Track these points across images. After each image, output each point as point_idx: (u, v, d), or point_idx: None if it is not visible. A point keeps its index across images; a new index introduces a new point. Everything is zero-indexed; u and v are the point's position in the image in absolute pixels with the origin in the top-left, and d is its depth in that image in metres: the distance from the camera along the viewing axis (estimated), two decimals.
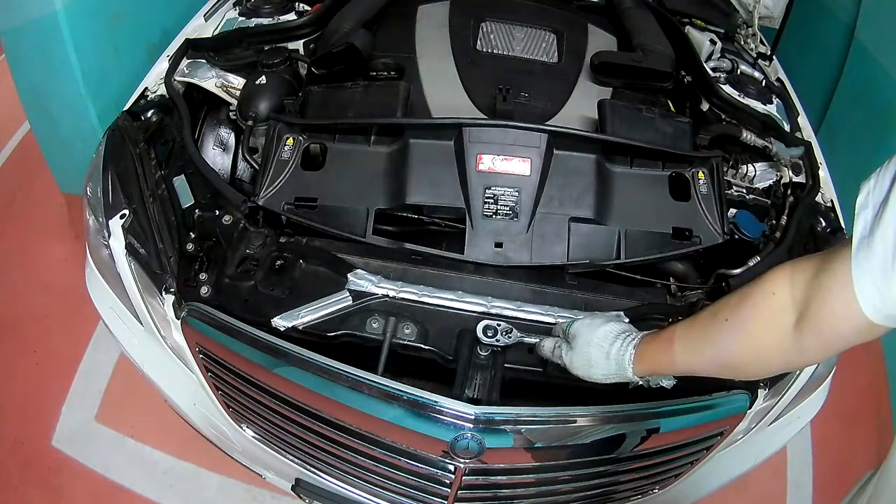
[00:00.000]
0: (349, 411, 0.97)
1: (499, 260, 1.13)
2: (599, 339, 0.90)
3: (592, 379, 0.91)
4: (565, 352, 0.94)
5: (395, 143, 1.20)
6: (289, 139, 1.21)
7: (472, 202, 1.15)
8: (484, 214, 1.15)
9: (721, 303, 0.79)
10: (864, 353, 2.06)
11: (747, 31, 1.71)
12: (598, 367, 0.90)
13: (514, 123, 1.17)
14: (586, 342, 0.91)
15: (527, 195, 1.16)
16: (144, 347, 1.20)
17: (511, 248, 1.14)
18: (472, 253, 1.14)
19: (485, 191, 1.15)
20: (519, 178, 1.16)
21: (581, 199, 1.17)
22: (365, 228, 1.14)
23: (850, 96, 2.22)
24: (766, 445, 1.26)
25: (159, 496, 1.67)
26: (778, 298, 0.70)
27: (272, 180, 1.17)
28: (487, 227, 1.15)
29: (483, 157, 1.16)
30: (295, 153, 1.20)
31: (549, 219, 1.16)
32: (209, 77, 1.34)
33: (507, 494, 1.08)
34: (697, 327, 0.81)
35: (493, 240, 1.14)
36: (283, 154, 1.20)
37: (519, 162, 1.16)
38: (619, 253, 1.16)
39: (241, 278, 1.08)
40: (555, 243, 1.15)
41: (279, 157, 1.20)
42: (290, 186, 1.18)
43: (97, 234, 1.13)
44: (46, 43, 1.67)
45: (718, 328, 0.77)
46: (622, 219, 1.18)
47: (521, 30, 1.41)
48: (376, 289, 1.04)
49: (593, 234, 1.17)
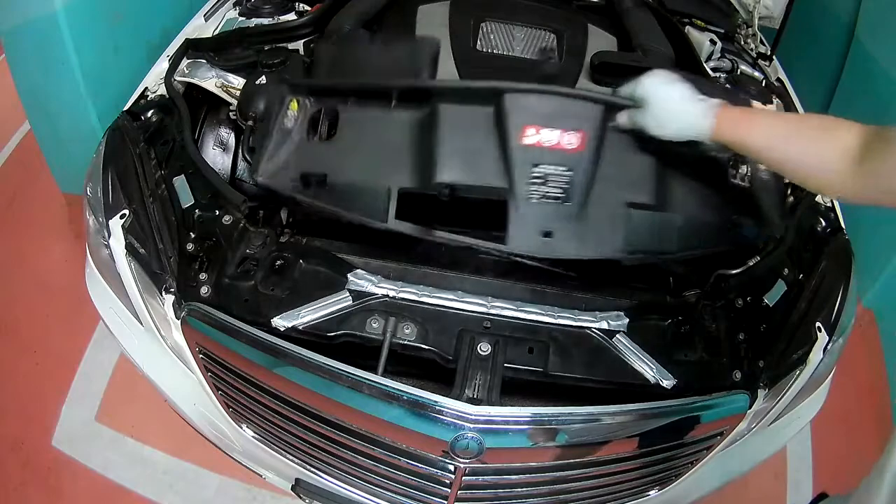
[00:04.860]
0: (349, 411, 0.97)
1: (547, 251, 0.99)
2: (672, 100, 0.95)
3: (666, 137, 0.96)
4: (639, 116, 0.98)
5: (421, 108, 1.03)
6: (292, 103, 1.05)
7: (515, 181, 0.99)
8: (530, 197, 0.99)
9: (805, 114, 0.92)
10: (864, 353, 2.06)
11: (747, 31, 1.71)
12: (674, 127, 0.95)
13: (567, 90, 1.02)
14: (658, 104, 0.96)
15: (581, 174, 1.00)
16: (144, 347, 1.19)
17: (561, 237, 0.99)
18: (516, 242, 0.99)
19: (532, 168, 0.99)
20: (571, 155, 1.00)
21: (639, 181, 1.03)
22: (386, 212, 0.98)
23: (850, 96, 2.21)
24: (766, 445, 1.25)
25: (159, 496, 1.67)
26: (851, 132, 0.80)
27: (273, 153, 1.02)
28: (534, 212, 0.99)
29: (529, 129, 0.98)
30: (300, 120, 1.05)
31: (604, 203, 1.01)
32: (209, 77, 1.34)
33: (507, 494, 1.08)
34: (782, 116, 0.94)
35: (540, 227, 0.99)
36: (287, 122, 1.04)
37: (571, 135, 0.99)
38: (679, 243, 1.04)
39: (241, 278, 1.08)
40: (610, 232, 1.01)
41: (281, 126, 1.03)
42: (296, 160, 1.02)
43: (97, 234, 1.13)
44: (46, 43, 1.67)
45: (802, 125, 0.89)
46: (681, 205, 1.06)
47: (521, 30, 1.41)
48: (376, 289, 1.04)
49: (651, 223, 1.04)
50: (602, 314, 1.07)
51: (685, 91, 0.95)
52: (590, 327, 1.05)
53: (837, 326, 1.08)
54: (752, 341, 1.11)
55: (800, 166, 0.87)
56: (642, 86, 0.98)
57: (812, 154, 0.84)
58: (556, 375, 1.02)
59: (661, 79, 0.97)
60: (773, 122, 0.90)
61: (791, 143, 0.87)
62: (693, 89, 0.95)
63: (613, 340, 1.05)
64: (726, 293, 1.16)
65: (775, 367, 1.06)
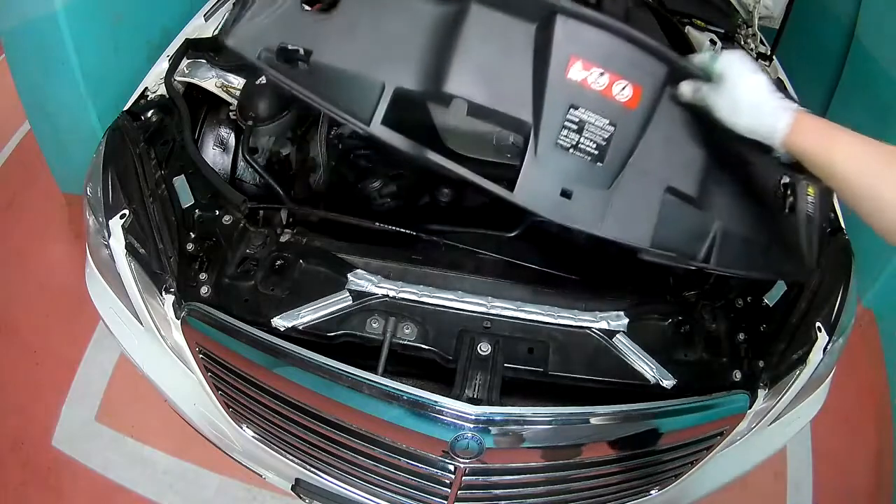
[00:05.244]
0: (349, 411, 0.97)
1: (560, 214, 0.85)
2: (753, 88, 0.81)
3: (735, 128, 0.82)
4: (708, 92, 0.84)
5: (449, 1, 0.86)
6: None
7: (544, 119, 0.83)
8: (558, 142, 0.84)
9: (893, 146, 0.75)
10: (864, 353, 2.06)
11: (747, 31, 1.71)
12: (746, 116, 0.81)
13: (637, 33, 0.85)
14: (736, 87, 0.81)
15: (624, 135, 0.85)
16: (144, 347, 1.20)
17: (581, 202, 0.84)
18: (527, 192, 0.83)
19: (569, 110, 0.83)
20: (619, 108, 0.85)
21: (686, 166, 0.89)
22: (373, 112, 0.82)
23: (850, 96, 2.21)
24: (766, 445, 1.25)
25: (159, 496, 1.67)
26: None
27: (255, 14, 0.86)
28: (558, 163, 0.84)
29: (578, 62, 0.83)
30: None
31: (641, 179, 0.87)
32: (209, 77, 1.34)
33: (507, 494, 1.08)
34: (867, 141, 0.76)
35: (560, 182, 0.84)
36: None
37: (626, 85, 0.84)
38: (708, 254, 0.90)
39: (241, 278, 1.08)
40: (640, 215, 0.87)
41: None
42: (280, 27, 0.86)
43: (97, 234, 1.13)
44: (46, 43, 1.67)
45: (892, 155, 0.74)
46: (722, 210, 0.91)
47: None
48: (376, 289, 1.04)
49: (687, 219, 0.90)
50: (602, 314, 1.07)
51: (768, 83, 0.82)
52: (590, 327, 1.05)
53: (837, 326, 1.08)
54: (752, 341, 1.11)
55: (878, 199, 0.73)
56: (723, 61, 0.83)
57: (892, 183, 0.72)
58: (556, 375, 1.02)
59: (748, 61, 0.84)
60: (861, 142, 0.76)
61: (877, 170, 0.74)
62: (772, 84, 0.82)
63: (613, 340, 1.05)
64: (726, 293, 1.16)
65: (775, 367, 1.06)
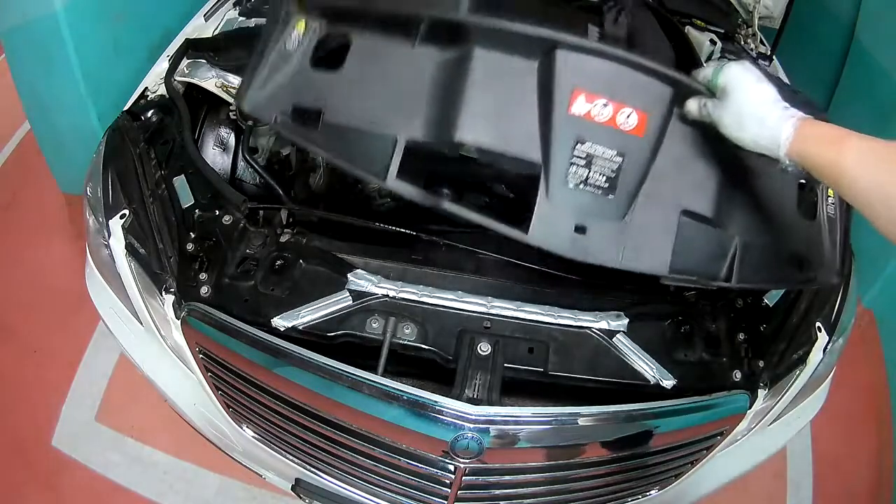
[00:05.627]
0: (349, 411, 0.97)
1: (576, 251, 0.84)
2: (757, 100, 0.79)
3: (740, 142, 0.81)
4: (713, 108, 0.82)
5: (451, 48, 0.86)
6: (300, 22, 0.90)
7: (552, 157, 0.83)
8: (568, 179, 0.84)
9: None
10: (864, 353, 2.06)
11: (747, 31, 1.71)
12: (749, 130, 0.79)
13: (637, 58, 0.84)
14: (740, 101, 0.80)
15: (633, 164, 0.84)
16: (144, 347, 1.20)
17: (597, 235, 0.84)
18: (541, 232, 0.83)
19: (575, 145, 0.83)
20: (626, 137, 0.84)
21: (700, 187, 0.88)
22: (387, 167, 0.83)
23: (850, 96, 2.21)
24: (766, 445, 1.26)
25: (159, 496, 1.67)
26: None
27: (267, 79, 0.88)
28: (569, 200, 0.84)
29: (580, 96, 0.83)
30: (305, 43, 0.89)
31: (656, 206, 0.86)
32: (209, 77, 1.34)
33: (507, 494, 1.08)
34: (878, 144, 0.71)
35: (573, 218, 0.84)
36: (289, 44, 0.89)
37: (631, 113, 0.84)
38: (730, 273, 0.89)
39: (241, 278, 1.08)
40: (657, 243, 0.86)
41: (282, 48, 0.88)
42: (291, 89, 0.88)
43: (97, 234, 1.13)
44: (46, 43, 1.67)
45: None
46: (742, 227, 0.90)
47: None
48: (376, 289, 1.04)
49: (705, 239, 0.88)
50: (602, 314, 1.06)
51: (773, 93, 0.79)
52: (590, 327, 1.05)
53: (837, 326, 1.08)
54: (752, 341, 1.11)
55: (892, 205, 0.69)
56: (726, 73, 0.82)
57: None
58: (556, 375, 1.02)
59: (751, 72, 0.82)
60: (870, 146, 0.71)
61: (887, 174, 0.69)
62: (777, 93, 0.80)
63: (613, 340, 1.05)
64: (726, 293, 1.16)
65: (775, 367, 1.06)
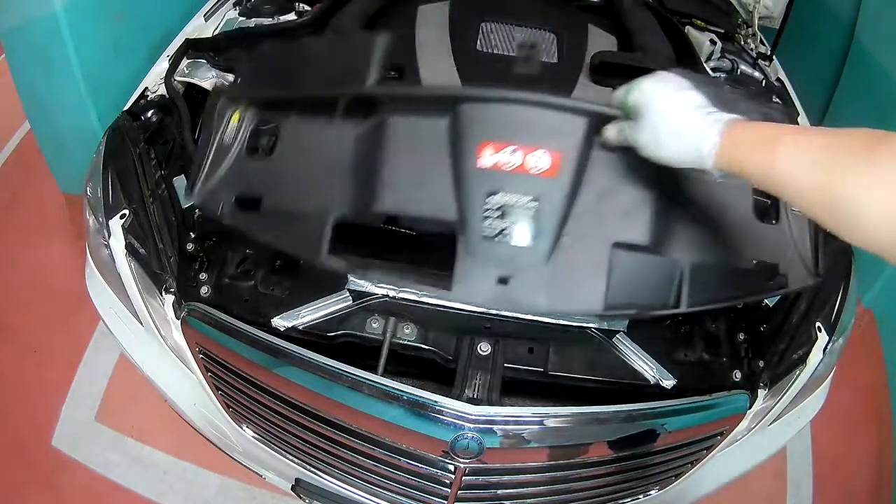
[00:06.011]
0: (349, 411, 0.97)
1: (501, 303, 0.85)
2: (672, 111, 0.72)
3: (665, 162, 0.74)
4: (630, 130, 0.77)
5: (367, 120, 0.89)
6: (234, 115, 0.95)
7: (467, 213, 0.83)
8: (484, 234, 0.82)
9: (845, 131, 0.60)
10: (864, 353, 2.06)
11: (747, 31, 1.71)
12: (667, 147, 0.72)
13: (539, 96, 0.82)
14: (653, 118, 0.73)
15: (550, 207, 0.83)
16: (144, 347, 1.20)
17: (521, 285, 0.82)
18: (464, 290, 0.83)
19: (487, 198, 0.82)
20: (539, 181, 0.82)
21: (630, 215, 0.85)
22: (318, 245, 0.85)
23: (850, 96, 2.21)
24: (766, 445, 1.26)
25: (159, 496, 1.67)
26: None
27: (211, 171, 0.92)
28: (488, 253, 0.83)
29: (486, 147, 0.82)
30: (240, 134, 0.94)
31: (582, 244, 0.84)
32: (209, 77, 1.34)
33: (507, 494, 1.08)
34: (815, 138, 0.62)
35: (495, 273, 0.83)
36: (227, 136, 0.94)
37: (541, 156, 0.82)
38: (678, 297, 0.85)
39: (241, 278, 1.08)
40: (587, 281, 0.83)
41: (221, 141, 0.93)
42: (232, 180, 0.92)
43: (97, 234, 1.13)
44: (46, 43, 1.67)
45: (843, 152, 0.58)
46: (687, 247, 0.87)
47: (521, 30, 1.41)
48: (376, 289, 1.04)
49: (644, 269, 0.86)
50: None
51: (693, 101, 0.72)
52: (590, 327, 1.05)
53: (837, 326, 1.08)
54: (752, 341, 1.11)
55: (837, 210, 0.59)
56: (638, 90, 0.76)
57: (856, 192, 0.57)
58: (556, 375, 1.02)
59: (664, 83, 0.75)
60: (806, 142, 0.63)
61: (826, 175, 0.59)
62: (705, 100, 0.73)
63: (613, 340, 1.05)
64: None
65: (775, 367, 1.06)
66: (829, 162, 0.60)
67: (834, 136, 0.61)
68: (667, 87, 0.75)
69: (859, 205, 0.57)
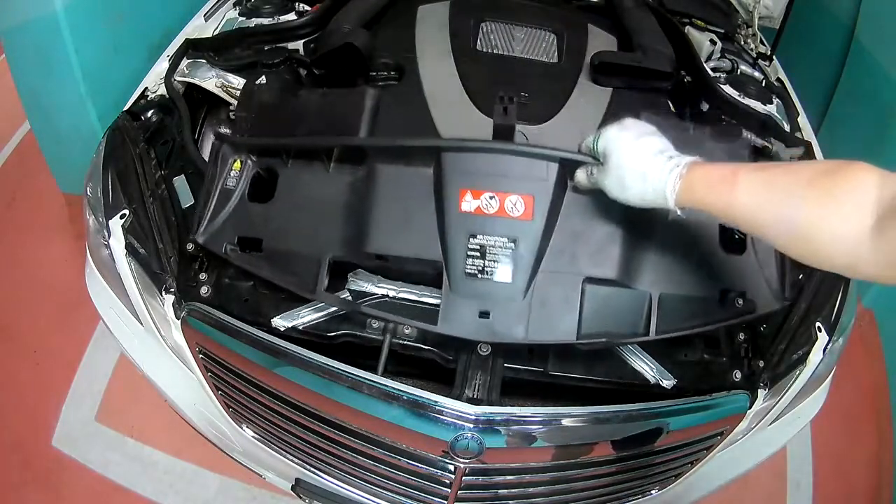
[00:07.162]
0: (349, 411, 0.97)
1: (482, 334, 0.92)
2: (633, 158, 0.79)
3: (630, 203, 0.82)
4: (598, 174, 0.84)
5: (359, 168, 0.99)
6: (235, 162, 1.03)
7: (450, 255, 0.92)
8: (467, 272, 0.91)
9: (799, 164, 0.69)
10: (864, 353, 2.06)
11: (747, 31, 1.71)
12: (633, 190, 0.79)
13: (514, 146, 0.92)
14: (618, 162, 0.80)
15: (526, 247, 0.92)
16: (144, 347, 1.20)
17: (501, 318, 0.91)
18: (449, 323, 0.91)
19: (468, 240, 0.91)
20: (516, 224, 0.91)
21: (601, 252, 0.94)
22: (315, 282, 0.94)
23: (850, 96, 2.22)
24: (766, 445, 1.26)
25: (159, 496, 1.67)
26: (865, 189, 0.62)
27: (215, 214, 1.01)
28: (471, 290, 0.91)
29: (467, 194, 0.91)
30: (242, 180, 1.03)
31: (557, 280, 0.92)
32: (209, 77, 1.34)
33: (508, 494, 1.08)
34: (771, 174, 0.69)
35: (477, 307, 0.91)
36: (229, 181, 1.02)
37: (517, 200, 0.91)
38: (647, 325, 0.94)
39: (241, 278, 1.08)
40: (562, 313, 0.92)
41: (224, 185, 1.02)
42: (235, 222, 1.01)
43: (97, 234, 1.13)
44: (46, 43, 1.67)
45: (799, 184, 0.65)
46: (655, 279, 0.95)
47: (521, 30, 1.41)
48: (376, 289, 1.04)
49: (615, 301, 0.94)
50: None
51: (655, 146, 0.79)
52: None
53: (837, 326, 1.08)
54: (752, 341, 1.11)
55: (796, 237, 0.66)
56: (604, 137, 0.83)
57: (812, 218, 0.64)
58: (556, 375, 1.02)
59: (627, 130, 0.82)
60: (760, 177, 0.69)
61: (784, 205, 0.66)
62: (667, 143, 0.80)
63: None
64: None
65: (775, 367, 1.06)
66: (786, 195, 0.66)
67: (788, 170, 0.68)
68: (630, 133, 0.81)
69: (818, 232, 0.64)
